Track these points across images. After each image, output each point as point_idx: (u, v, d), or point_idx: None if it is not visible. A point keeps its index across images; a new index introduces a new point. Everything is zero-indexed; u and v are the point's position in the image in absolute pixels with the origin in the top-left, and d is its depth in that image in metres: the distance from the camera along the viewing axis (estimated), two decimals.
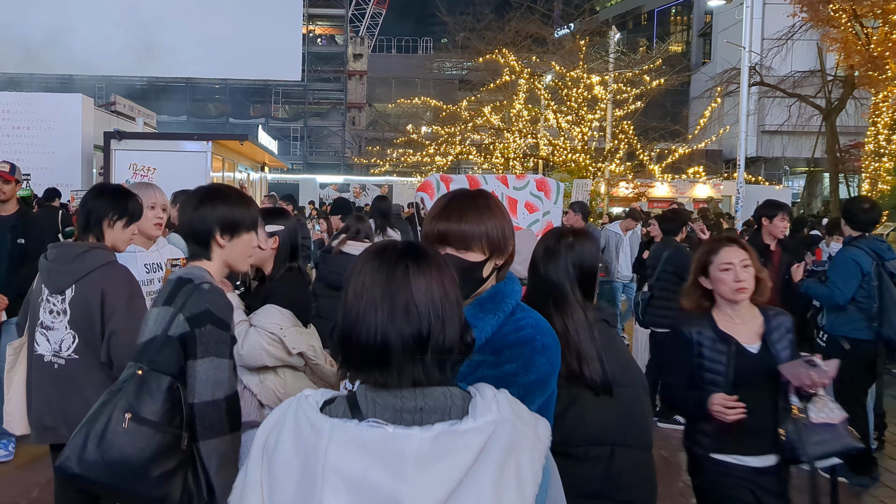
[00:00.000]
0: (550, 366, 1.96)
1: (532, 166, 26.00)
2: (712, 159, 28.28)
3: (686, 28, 42.38)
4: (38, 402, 3.20)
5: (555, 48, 24.86)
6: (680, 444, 6.23)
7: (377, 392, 1.41)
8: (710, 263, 3.20)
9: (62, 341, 3.13)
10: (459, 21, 27.37)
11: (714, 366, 3.13)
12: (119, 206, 3.25)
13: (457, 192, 2.07)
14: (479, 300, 2.00)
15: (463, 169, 33.59)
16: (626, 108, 22.32)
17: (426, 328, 1.40)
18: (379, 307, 1.40)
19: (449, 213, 1.98)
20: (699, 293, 3.29)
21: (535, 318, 2.02)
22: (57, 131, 18.10)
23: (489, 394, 1.41)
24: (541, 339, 1.96)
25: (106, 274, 3.13)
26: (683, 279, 6.63)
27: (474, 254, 1.96)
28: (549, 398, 1.97)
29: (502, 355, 1.92)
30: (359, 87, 45.24)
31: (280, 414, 1.45)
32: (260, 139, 23.22)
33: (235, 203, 2.51)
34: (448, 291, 1.44)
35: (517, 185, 4.58)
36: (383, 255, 1.45)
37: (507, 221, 2.03)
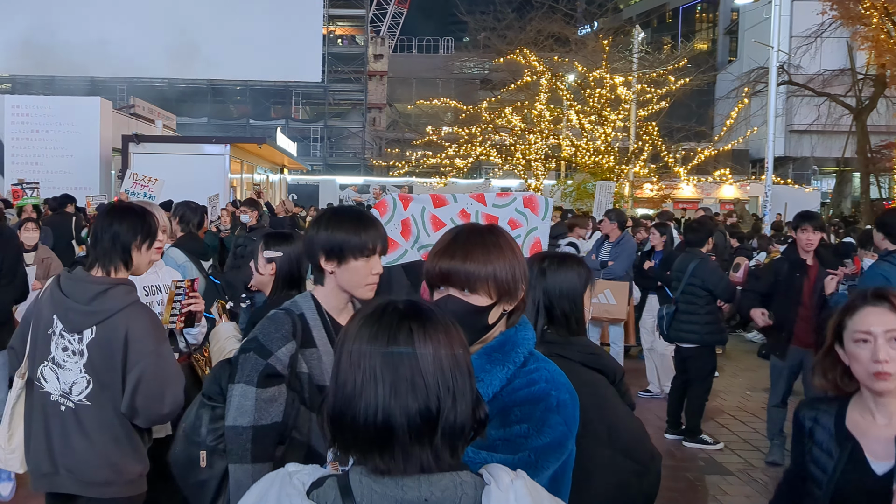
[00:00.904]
0: (567, 426, 1.75)
1: (554, 167, 25.67)
2: (739, 160, 27.79)
3: (712, 26, 41.80)
4: (37, 445, 2.96)
5: (577, 48, 24.54)
6: (707, 466, 6.24)
7: (375, 478, 1.23)
8: (845, 328, 2.16)
9: (74, 384, 2.88)
10: (480, 21, 27.14)
11: (818, 472, 2.20)
12: (144, 228, 3.04)
13: (464, 226, 1.88)
14: (487, 349, 1.79)
15: (484, 170, 33.29)
16: (651, 108, 21.94)
17: (435, 404, 1.22)
18: (379, 380, 1.22)
19: (453, 250, 1.77)
20: (839, 368, 2.19)
21: (550, 371, 1.80)
22: (75, 134, 18.14)
23: (505, 481, 1.24)
24: (556, 396, 1.75)
25: (130, 316, 2.89)
26: (710, 292, 6.57)
27: (480, 297, 1.75)
28: (565, 463, 1.76)
29: (512, 414, 1.72)
30: (379, 88, 45.06)
31: (261, 492, 1.29)
32: (279, 141, 23.14)
33: (341, 228, 2.35)
34: (459, 359, 1.27)
35: (498, 203, 4.26)
36: (382, 316, 1.27)
37: (520, 262, 1.81)
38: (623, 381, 2.56)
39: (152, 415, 2.89)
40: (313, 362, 2.29)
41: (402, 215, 4.15)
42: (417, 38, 49.22)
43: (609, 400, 2.42)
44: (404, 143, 29.97)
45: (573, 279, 2.46)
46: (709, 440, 6.63)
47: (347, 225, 2.33)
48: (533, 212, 4.18)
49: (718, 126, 24.51)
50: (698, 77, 24.23)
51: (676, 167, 21.69)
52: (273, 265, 3.22)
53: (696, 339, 6.60)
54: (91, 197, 13.88)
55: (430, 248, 4.10)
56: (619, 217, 8.45)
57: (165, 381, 2.87)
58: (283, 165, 26.03)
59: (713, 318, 6.68)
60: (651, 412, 7.62)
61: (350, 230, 2.31)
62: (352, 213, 2.41)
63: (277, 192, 24.87)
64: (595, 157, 21.74)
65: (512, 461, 1.56)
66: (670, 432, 6.81)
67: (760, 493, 5.66)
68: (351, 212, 2.44)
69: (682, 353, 6.79)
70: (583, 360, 2.39)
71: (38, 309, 3.00)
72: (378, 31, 46.99)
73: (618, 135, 22.27)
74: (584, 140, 22.50)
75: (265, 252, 3.23)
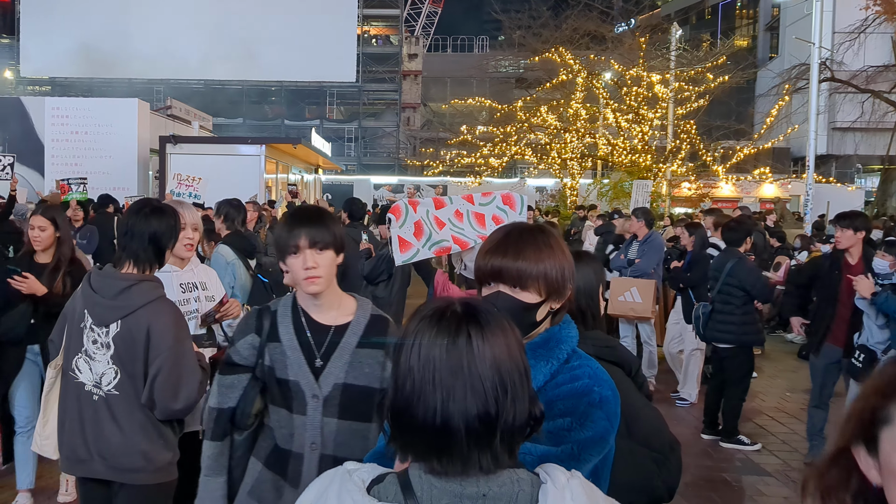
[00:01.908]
0: (608, 421, 1.78)
1: (590, 166, 25.42)
2: (779, 158, 27.30)
3: (752, 22, 41.11)
4: (71, 431, 3.10)
5: (614, 46, 24.26)
6: (744, 467, 6.15)
7: (435, 474, 1.25)
8: (883, 424, 1.15)
9: (103, 375, 3.03)
10: (515, 19, 26.99)
11: None
12: (174, 227, 3.18)
13: (515, 225, 1.94)
14: (531, 345, 1.82)
15: (519, 169, 33.14)
16: (689, 106, 21.60)
17: (494, 407, 1.22)
18: (438, 383, 1.23)
19: (505, 247, 1.82)
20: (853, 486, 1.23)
21: (593, 368, 1.85)
22: (113, 136, 18.42)
23: (561, 480, 1.25)
24: (598, 392, 1.79)
25: (153, 312, 3.01)
26: (747, 292, 6.51)
27: (529, 294, 1.81)
28: (606, 457, 1.80)
29: (555, 408, 1.76)
30: (413, 88, 45.10)
31: (320, 490, 1.30)
32: (313, 142, 23.25)
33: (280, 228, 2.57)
34: (517, 360, 1.27)
35: (483, 202, 4.61)
36: (441, 318, 1.28)
37: (569, 262, 1.87)
38: (640, 372, 2.61)
39: (166, 409, 2.99)
40: (276, 356, 2.45)
41: (415, 217, 4.47)
42: (452, 38, 49.23)
43: (626, 391, 2.41)
44: (438, 142, 29.94)
45: (589, 275, 2.54)
46: (746, 441, 6.57)
47: (283, 225, 2.51)
48: (511, 208, 4.50)
49: (758, 124, 24.06)
50: (738, 74, 23.80)
51: (715, 166, 21.35)
52: None
53: (732, 340, 6.55)
54: (130, 197, 14.03)
55: (442, 244, 4.21)
56: (647, 215, 8.41)
57: (180, 378, 2.96)
58: (317, 165, 26.15)
59: (750, 318, 6.61)
60: (687, 412, 7.53)
61: (283, 229, 2.47)
62: (292, 213, 2.56)
63: (312, 192, 25.00)
64: (632, 155, 21.51)
65: (555, 453, 1.66)
66: (707, 433, 6.76)
67: (799, 494, 5.51)
68: (293, 212, 2.58)
69: (719, 353, 6.74)
70: (598, 354, 2.37)
71: (73, 304, 3.14)
72: (412, 31, 47.04)
73: (655, 133, 21.98)
74: (621, 139, 22.25)
75: None
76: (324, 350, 2.44)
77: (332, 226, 2.44)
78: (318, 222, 2.43)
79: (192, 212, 3.88)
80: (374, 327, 2.49)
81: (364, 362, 2.42)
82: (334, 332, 2.46)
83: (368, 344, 2.45)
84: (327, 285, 2.43)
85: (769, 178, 23.09)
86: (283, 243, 2.43)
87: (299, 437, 2.42)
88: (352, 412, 2.42)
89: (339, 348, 2.44)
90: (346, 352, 2.43)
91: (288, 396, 2.42)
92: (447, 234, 4.38)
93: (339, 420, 2.40)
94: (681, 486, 2.59)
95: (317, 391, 2.39)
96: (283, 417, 2.44)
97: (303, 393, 2.40)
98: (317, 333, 2.46)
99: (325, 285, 2.42)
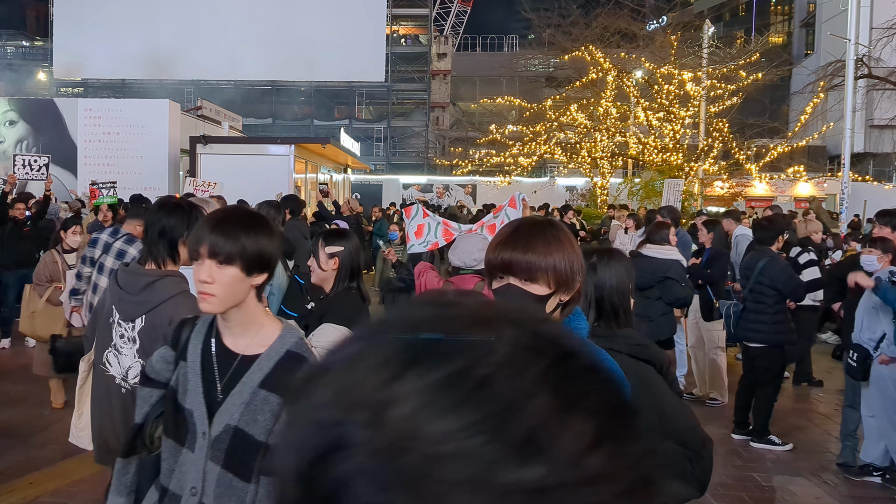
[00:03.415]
0: None
1: (621, 165, 25.19)
2: (815, 157, 26.84)
3: (787, 19, 40.49)
4: (102, 422, 3.20)
5: (645, 43, 24.01)
6: (775, 467, 6.05)
7: None
8: None
9: (130, 368, 3.10)
10: (544, 18, 26.83)
11: None
12: (190, 222, 3.15)
13: (525, 219, 1.98)
14: None
15: (549, 168, 32.92)
16: (722, 104, 21.29)
17: None
18: None
19: (515, 241, 1.86)
20: None
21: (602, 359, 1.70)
22: (145, 136, 18.55)
23: None
24: None
25: (175, 306, 3.01)
26: (779, 291, 6.41)
27: (539, 286, 1.83)
28: None
29: None
30: (443, 87, 45.05)
31: None
32: (342, 141, 23.29)
33: None
34: None
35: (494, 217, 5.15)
36: None
37: (578, 255, 1.89)
38: (670, 369, 2.62)
39: None
40: (181, 377, 2.12)
41: (420, 221, 5.01)
42: (481, 37, 49.08)
43: (658, 388, 2.48)
44: (468, 141, 29.87)
45: (622, 273, 2.57)
46: (777, 441, 6.50)
47: (199, 224, 2.17)
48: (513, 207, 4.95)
49: (793, 122, 23.64)
50: (772, 72, 23.43)
51: (748, 164, 21.04)
52: (336, 260, 3.43)
53: (763, 339, 6.48)
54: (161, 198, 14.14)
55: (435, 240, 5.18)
56: (672, 213, 8.41)
57: None
58: (346, 165, 26.18)
59: (782, 317, 6.54)
60: (717, 412, 7.40)
61: (196, 229, 2.13)
62: (211, 214, 2.21)
63: (341, 192, 25.04)
64: (663, 154, 21.27)
65: None
66: (737, 432, 6.70)
67: (831, 494, 5.53)
68: (214, 212, 2.24)
69: (750, 352, 6.67)
70: (630, 352, 2.44)
71: (103, 300, 3.26)
72: (441, 30, 47.01)
73: (687, 131, 21.73)
74: (652, 137, 22.02)
75: (327, 248, 3.43)
76: (226, 382, 2.07)
77: (247, 238, 2.01)
78: (228, 230, 2.01)
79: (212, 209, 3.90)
80: (286, 365, 2.06)
81: (259, 408, 2.03)
82: (240, 363, 2.08)
83: (271, 385, 2.04)
84: (225, 306, 2.03)
85: (804, 176, 22.69)
86: (190, 245, 2.09)
87: (180, 477, 2.07)
88: (235, 464, 2.02)
89: (241, 384, 2.05)
90: (247, 389, 2.04)
91: (180, 426, 2.09)
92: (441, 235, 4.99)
93: (221, 469, 2.02)
94: (711, 485, 2.60)
95: (206, 428, 2.04)
96: (170, 449, 2.11)
97: (195, 426, 2.06)
98: (223, 361, 2.10)
99: (222, 306, 2.02)
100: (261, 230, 2.06)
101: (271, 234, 2.09)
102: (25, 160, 8.70)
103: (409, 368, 0.52)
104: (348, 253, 3.45)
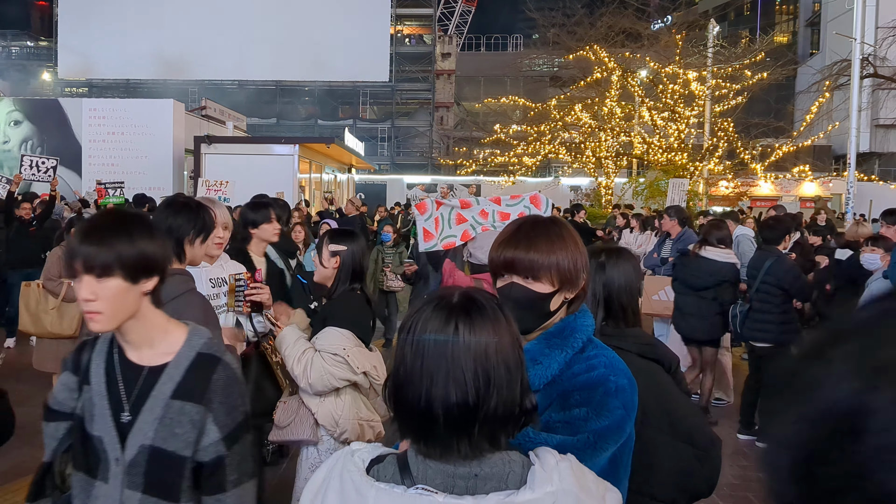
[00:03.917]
0: (625, 410, 1.79)
1: (626, 165, 25.14)
2: (820, 156, 26.75)
3: (792, 18, 40.37)
4: None
5: (649, 43, 23.96)
6: None
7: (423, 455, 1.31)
8: None
9: None
10: (549, 17, 26.78)
11: None
12: (198, 222, 3.11)
13: (527, 218, 1.95)
14: (546, 335, 1.87)
15: (553, 168, 32.88)
16: (727, 103, 21.23)
17: (474, 397, 1.27)
18: (422, 371, 1.29)
19: (517, 239, 1.85)
20: None
21: (609, 357, 1.86)
22: (149, 136, 18.58)
23: (551, 462, 1.31)
24: (615, 381, 1.80)
25: (183, 304, 2.93)
26: (785, 291, 6.37)
27: (542, 284, 1.83)
28: (623, 446, 1.81)
29: (571, 398, 1.78)
30: (447, 87, 45.00)
31: (326, 472, 1.38)
32: (346, 141, 23.29)
33: None
34: (506, 354, 1.31)
35: (510, 203, 5.08)
36: (434, 309, 1.34)
37: (581, 253, 1.87)
38: (678, 369, 2.61)
39: None
40: (86, 403, 1.90)
41: (435, 214, 4.99)
42: (486, 36, 49.03)
43: (666, 387, 2.48)
44: (472, 141, 29.82)
45: (630, 271, 2.55)
46: None
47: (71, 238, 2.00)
48: (537, 207, 4.91)
49: (798, 121, 23.56)
50: (777, 71, 23.34)
51: (753, 164, 20.98)
52: (337, 259, 3.41)
53: (769, 339, 6.43)
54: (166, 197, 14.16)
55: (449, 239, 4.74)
56: (679, 213, 8.33)
57: None
58: (350, 165, 26.21)
59: (788, 317, 6.48)
60: (722, 412, 7.35)
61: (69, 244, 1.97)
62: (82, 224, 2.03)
63: (345, 192, 25.05)
64: (668, 154, 21.22)
65: (571, 442, 1.67)
66: (743, 432, 6.65)
67: None
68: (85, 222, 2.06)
69: (756, 352, 6.62)
70: (639, 351, 2.44)
71: None
72: (446, 30, 46.96)
73: (691, 131, 21.68)
74: (657, 137, 21.98)
75: (330, 246, 3.42)
76: (134, 399, 1.88)
77: (122, 243, 1.82)
78: (101, 238, 1.82)
79: (223, 211, 3.88)
80: (199, 370, 1.90)
81: (175, 420, 1.85)
82: (147, 376, 1.90)
83: (185, 394, 1.87)
84: (117, 321, 1.86)
85: (809, 176, 22.62)
86: (65, 261, 1.88)
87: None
88: (157, 487, 1.85)
89: (151, 398, 1.87)
90: (159, 403, 1.86)
91: (90, 456, 1.88)
92: (459, 230, 4.88)
93: (143, 495, 1.84)
94: (717, 485, 2.56)
95: (118, 454, 1.85)
96: (81, 484, 1.90)
97: (106, 453, 1.86)
98: (129, 376, 1.91)
99: (112, 322, 1.85)
100: (138, 231, 1.86)
101: (151, 233, 1.90)
102: (33, 161, 8.70)
103: None
104: (351, 253, 3.42)
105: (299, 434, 3.32)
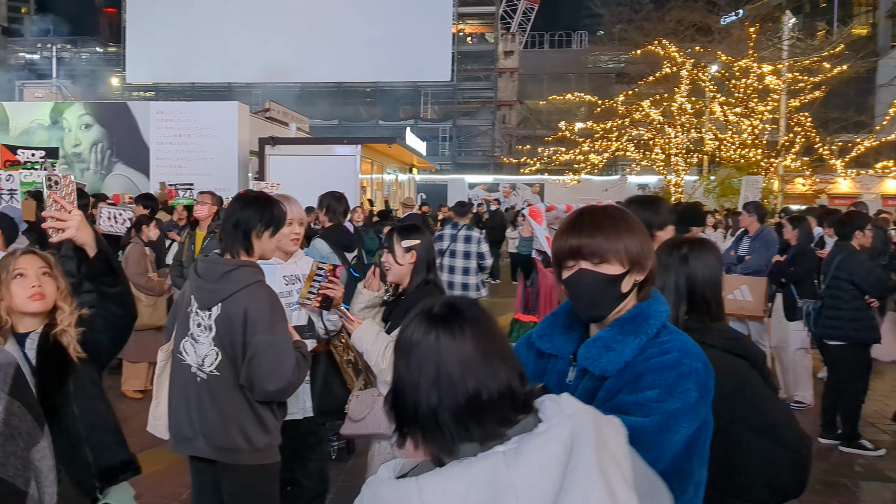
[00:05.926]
0: (699, 393, 1.76)
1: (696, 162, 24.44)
2: None
3: (872, 9, 38.81)
4: (178, 411, 3.26)
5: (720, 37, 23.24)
6: (865, 472, 5.69)
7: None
8: None
9: (206, 356, 3.17)
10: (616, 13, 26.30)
11: None
12: (266, 215, 3.24)
13: (587, 206, 1.96)
14: (619, 321, 1.86)
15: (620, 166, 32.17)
16: (803, 98, 20.38)
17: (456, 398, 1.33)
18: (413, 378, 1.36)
19: (581, 225, 1.85)
20: None
21: (683, 342, 1.84)
22: (215, 138, 18.72)
23: (550, 401, 1.37)
24: (688, 364, 1.78)
25: (251, 295, 3.14)
26: (858, 287, 6.09)
27: (612, 266, 1.82)
28: (700, 430, 1.78)
29: (643, 380, 1.77)
30: (509, 85, 44.58)
31: None
32: (408, 141, 23.19)
33: None
34: (485, 348, 1.36)
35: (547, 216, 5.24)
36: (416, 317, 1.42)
37: (646, 237, 1.87)
38: (766, 365, 2.54)
39: (262, 390, 3.08)
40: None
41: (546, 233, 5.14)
42: (549, 34, 48.43)
43: (754, 385, 2.43)
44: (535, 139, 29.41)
45: (714, 263, 2.50)
46: (868, 446, 6.22)
47: None
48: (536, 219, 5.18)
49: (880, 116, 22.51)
50: (856, 64, 22.41)
51: (832, 160, 20.12)
52: (413, 253, 3.41)
53: (841, 336, 6.22)
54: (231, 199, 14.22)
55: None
56: (758, 210, 8.12)
57: (274, 360, 3.05)
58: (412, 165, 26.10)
59: (860, 314, 6.22)
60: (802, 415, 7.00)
61: None
62: None
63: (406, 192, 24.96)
64: (741, 150, 20.52)
65: (644, 424, 1.68)
66: (825, 437, 6.41)
67: None
68: None
69: (830, 351, 6.42)
70: (725, 346, 2.39)
71: (183, 290, 3.39)
72: (508, 28, 46.58)
73: (766, 127, 20.92)
74: (729, 133, 21.29)
75: (403, 242, 3.42)
76: None
77: None
78: None
79: (297, 207, 3.94)
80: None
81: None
82: None
83: None
84: None
85: (893, 172, 21.57)
86: None
87: None
88: None
89: None
90: None
91: None
92: None
93: None
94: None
95: None
96: None
97: None
98: None
99: None
100: None
101: None
102: (111, 213, 8.74)
103: None
104: (424, 247, 3.45)
105: (375, 427, 3.26)
